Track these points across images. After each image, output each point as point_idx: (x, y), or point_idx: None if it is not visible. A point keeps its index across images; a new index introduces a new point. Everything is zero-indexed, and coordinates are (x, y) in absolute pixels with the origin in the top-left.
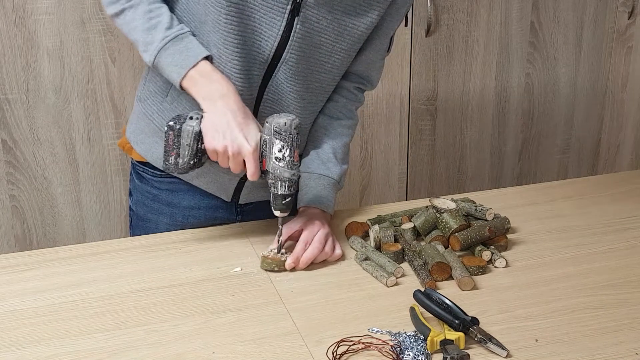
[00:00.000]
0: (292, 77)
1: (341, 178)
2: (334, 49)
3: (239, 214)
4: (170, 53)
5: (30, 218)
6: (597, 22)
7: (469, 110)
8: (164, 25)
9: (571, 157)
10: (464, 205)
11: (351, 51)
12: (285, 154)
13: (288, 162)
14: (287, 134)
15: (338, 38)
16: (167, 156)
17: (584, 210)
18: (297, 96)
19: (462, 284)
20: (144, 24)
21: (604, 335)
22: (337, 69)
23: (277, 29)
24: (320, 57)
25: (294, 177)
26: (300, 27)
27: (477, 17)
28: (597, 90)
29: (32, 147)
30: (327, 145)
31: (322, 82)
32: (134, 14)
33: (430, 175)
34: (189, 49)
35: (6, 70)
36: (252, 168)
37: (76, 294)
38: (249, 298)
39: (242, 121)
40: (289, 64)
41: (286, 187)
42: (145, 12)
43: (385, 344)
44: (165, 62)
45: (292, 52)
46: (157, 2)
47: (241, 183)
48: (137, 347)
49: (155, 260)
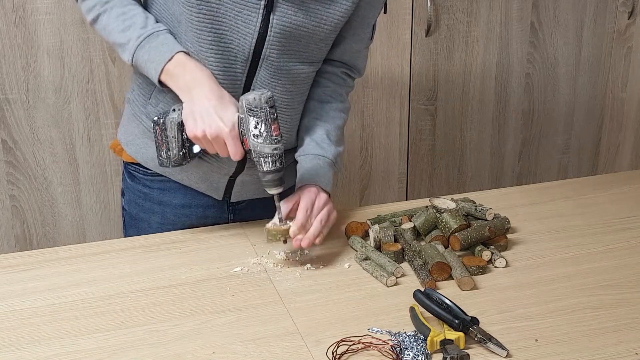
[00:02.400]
0: (275, 72)
1: (337, 158)
2: (313, 39)
3: (230, 212)
4: (146, 50)
5: (30, 218)
6: (597, 22)
7: (469, 110)
8: (138, 25)
9: (571, 157)
10: (464, 205)
11: (329, 40)
12: (261, 129)
13: (266, 137)
14: (258, 109)
15: (316, 29)
16: (159, 152)
17: (584, 210)
18: (282, 89)
19: (462, 284)
20: (119, 26)
21: (604, 335)
22: (318, 58)
23: (253, 25)
24: (300, 49)
25: (275, 152)
26: (277, 22)
27: (477, 17)
28: (597, 90)
29: (32, 147)
30: (320, 129)
31: (306, 72)
32: (108, 18)
33: (430, 175)
34: (165, 44)
35: (6, 70)
36: (232, 148)
37: (76, 294)
38: (249, 298)
39: (217, 103)
40: (270, 59)
41: (270, 162)
42: (118, 15)
43: (385, 344)
44: (142, 59)
45: (271, 47)
46: (130, 4)
47: (232, 181)
48: (137, 347)
49: (155, 260)
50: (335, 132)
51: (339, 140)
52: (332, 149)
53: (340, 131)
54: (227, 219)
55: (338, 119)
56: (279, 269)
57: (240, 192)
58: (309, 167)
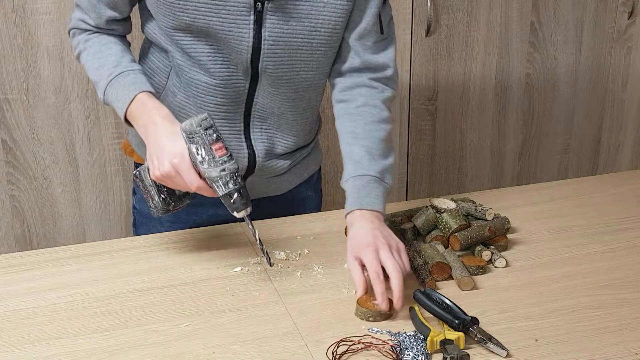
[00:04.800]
0: (276, 83)
1: (383, 173)
2: (313, 45)
3: None
4: (115, 89)
5: (30, 218)
6: (597, 22)
7: (469, 110)
8: (111, 64)
9: (571, 157)
10: (464, 205)
11: (332, 42)
12: (202, 154)
13: (209, 160)
14: (194, 135)
15: (314, 34)
16: (147, 203)
17: (584, 210)
18: (285, 97)
19: (462, 284)
20: (94, 64)
21: (604, 335)
22: (323, 64)
23: (246, 42)
24: (303, 57)
25: (223, 173)
26: (269, 35)
27: (477, 17)
28: (597, 90)
29: (32, 147)
30: (358, 147)
31: (311, 79)
32: (87, 56)
33: (430, 175)
34: (133, 83)
35: (6, 70)
36: (186, 179)
37: (76, 294)
38: (249, 298)
39: (167, 140)
40: (268, 71)
41: (222, 186)
42: (95, 53)
43: (385, 344)
44: (111, 98)
45: (267, 60)
46: (109, 42)
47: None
48: (137, 347)
49: (155, 260)
50: (377, 146)
51: (383, 153)
52: (375, 165)
53: (383, 143)
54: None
55: (377, 132)
56: (279, 269)
57: (251, 191)
58: (350, 191)
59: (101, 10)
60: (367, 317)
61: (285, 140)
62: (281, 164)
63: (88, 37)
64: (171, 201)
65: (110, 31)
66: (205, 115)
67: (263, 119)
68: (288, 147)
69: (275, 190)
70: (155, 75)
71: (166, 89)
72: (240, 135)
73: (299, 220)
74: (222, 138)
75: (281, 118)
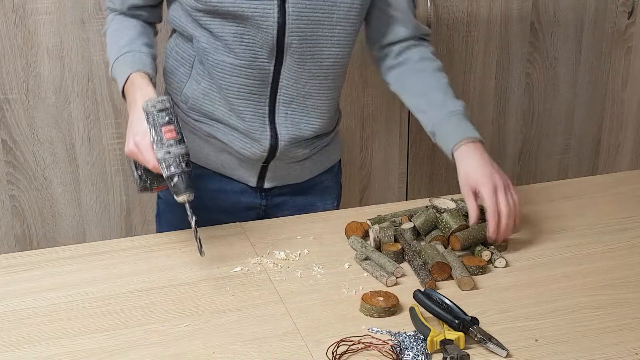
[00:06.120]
0: (300, 60)
1: (465, 109)
2: (333, 20)
3: (263, 197)
4: (118, 67)
5: (30, 218)
6: (597, 22)
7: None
8: (122, 44)
9: (571, 157)
10: (464, 205)
11: (352, 18)
12: (153, 134)
13: (157, 142)
14: (148, 115)
15: (333, 8)
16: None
17: (584, 210)
18: (310, 75)
19: (462, 284)
20: (110, 42)
21: (604, 335)
22: (344, 40)
23: (272, 18)
24: (324, 33)
25: (167, 156)
26: (293, 10)
27: (477, 17)
28: (597, 90)
29: (32, 147)
30: (435, 93)
31: (334, 56)
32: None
33: (430, 175)
34: (133, 62)
35: (6, 70)
36: (145, 160)
37: (76, 294)
38: (249, 298)
39: (136, 120)
40: (293, 47)
41: (164, 167)
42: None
43: (385, 344)
44: (115, 76)
45: (292, 36)
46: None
47: (264, 167)
48: (137, 347)
49: (155, 260)
50: (449, 90)
51: (454, 95)
52: (457, 103)
53: (451, 88)
54: (260, 205)
55: (443, 78)
56: (279, 269)
57: (273, 177)
58: (451, 128)
59: None
60: (372, 314)
61: (310, 124)
62: (302, 151)
63: (114, 17)
64: (147, 179)
65: (135, 16)
66: (163, 98)
67: (288, 103)
68: (313, 130)
69: (297, 177)
70: (180, 67)
71: (191, 78)
72: (265, 118)
73: (299, 220)
74: (175, 122)
75: (306, 99)
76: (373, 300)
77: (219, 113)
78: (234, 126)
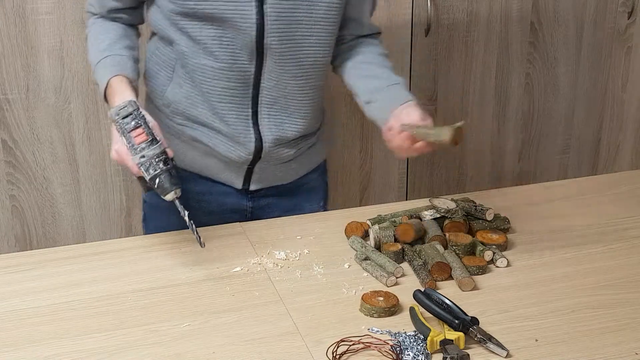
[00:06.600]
0: (281, 61)
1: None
2: (312, 19)
3: (249, 199)
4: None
5: (30, 218)
6: (597, 22)
7: (469, 110)
8: (103, 47)
9: (571, 157)
10: (464, 205)
11: (331, 17)
12: (124, 142)
13: (130, 148)
14: (114, 123)
15: (313, 8)
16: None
17: (584, 210)
18: (291, 76)
19: (462, 284)
20: (91, 46)
21: (604, 335)
22: (324, 39)
23: (250, 20)
24: (304, 33)
25: (142, 160)
26: (271, 10)
27: (477, 17)
28: (597, 90)
29: (32, 147)
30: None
31: (314, 56)
32: (89, 39)
33: (430, 175)
34: (113, 65)
35: (6, 70)
36: (129, 166)
37: (76, 294)
38: (249, 298)
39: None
40: (273, 47)
41: (144, 171)
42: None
43: (385, 344)
44: (97, 80)
45: (272, 36)
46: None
47: (250, 170)
48: (137, 347)
49: (155, 260)
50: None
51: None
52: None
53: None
54: (246, 207)
55: (387, 61)
56: (279, 269)
57: (259, 179)
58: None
59: (104, 0)
60: (372, 314)
61: (293, 125)
62: (287, 151)
63: (94, 21)
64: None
65: (116, 19)
66: (124, 104)
67: (271, 104)
68: (297, 131)
69: (282, 178)
70: (161, 70)
71: (172, 81)
72: (248, 120)
73: (299, 220)
74: (143, 124)
75: (289, 100)
76: (373, 300)
77: (202, 116)
78: (218, 129)
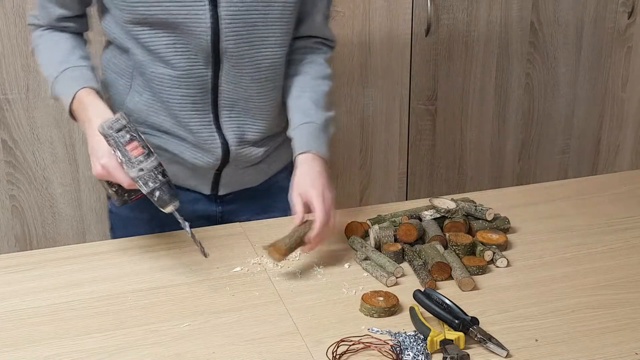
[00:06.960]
0: (238, 64)
1: (327, 123)
2: (269, 20)
3: (219, 205)
4: (60, 86)
5: (30, 218)
6: (597, 22)
7: (469, 110)
8: (58, 60)
9: (571, 157)
10: (464, 205)
11: (287, 17)
12: (119, 155)
13: (126, 162)
14: (108, 137)
15: (268, 9)
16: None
17: (584, 210)
18: (249, 79)
19: (462, 284)
20: (44, 61)
21: (604, 335)
22: (281, 39)
23: (204, 24)
24: (260, 34)
25: (141, 173)
26: (225, 13)
27: (477, 17)
28: (597, 90)
29: (32, 147)
30: (306, 100)
31: (271, 57)
32: (38, 53)
33: (430, 175)
34: (77, 78)
35: (6, 70)
36: (119, 180)
37: (76, 294)
38: (249, 298)
39: (96, 141)
40: (229, 51)
41: (142, 185)
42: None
43: (385, 344)
44: (58, 94)
45: (227, 39)
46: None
47: (217, 175)
48: (137, 347)
49: (155, 260)
50: (322, 99)
51: (327, 106)
52: (320, 114)
53: (327, 97)
54: (216, 212)
55: (322, 86)
56: (279, 269)
57: (227, 184)
58: (301, 137)
59: (50, 8)
60: (372, 314)
61: (256, 126)
62: (255, 152)
63: (41, 33)
64: (124, 193)
65: (64, 29)
66: (117, 117)
67: (231, 107)
68: (260, 132)
69: (252, 181)
70: (119, 79)
71: (132, 89)
72: (211, 125)
73: None
74: (137, 137)
75: (249, 103)
76: (373, 300)
77: (165, 124)
78: (182, 137)
